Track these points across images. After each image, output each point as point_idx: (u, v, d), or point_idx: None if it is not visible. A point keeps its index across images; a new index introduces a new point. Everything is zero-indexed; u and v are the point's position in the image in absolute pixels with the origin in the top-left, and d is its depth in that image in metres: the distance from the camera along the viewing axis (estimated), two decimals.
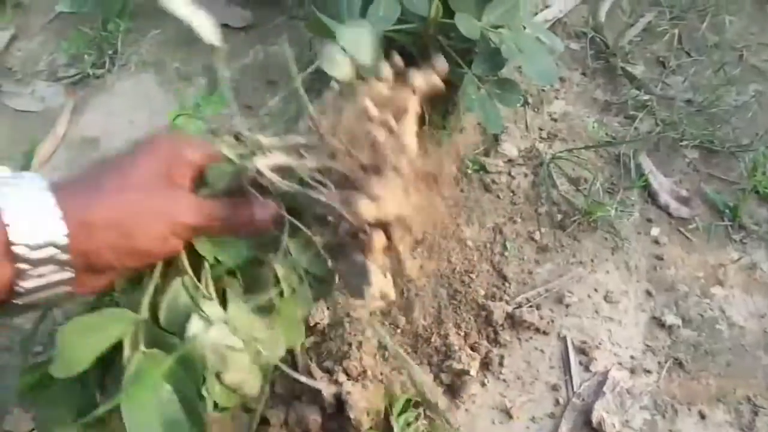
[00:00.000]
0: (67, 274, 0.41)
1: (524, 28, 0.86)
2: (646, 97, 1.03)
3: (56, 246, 0.39)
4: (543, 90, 1.05)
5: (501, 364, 0.77)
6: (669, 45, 1.12)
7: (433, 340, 0.78)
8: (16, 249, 0.38)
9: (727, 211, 0.91)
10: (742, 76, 1.08)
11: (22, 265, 0.39)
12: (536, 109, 1.03)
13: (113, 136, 1.05)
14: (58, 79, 1.14)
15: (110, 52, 1.16)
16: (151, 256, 0.45)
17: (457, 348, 0.76)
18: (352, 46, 0.61)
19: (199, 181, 0.49)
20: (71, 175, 0.44)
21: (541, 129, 1.01)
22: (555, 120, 1.02)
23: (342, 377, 0.71)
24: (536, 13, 1.14)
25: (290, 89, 0.99)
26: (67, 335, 0.43)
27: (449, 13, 0.83)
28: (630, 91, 1.05)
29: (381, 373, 0.74)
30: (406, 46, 0.94)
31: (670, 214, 0.91)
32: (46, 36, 1.21)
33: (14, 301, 0.41)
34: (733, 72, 1.07)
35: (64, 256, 0.40)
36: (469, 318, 0.80)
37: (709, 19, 1.15)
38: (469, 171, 0.94)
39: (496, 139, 0.97)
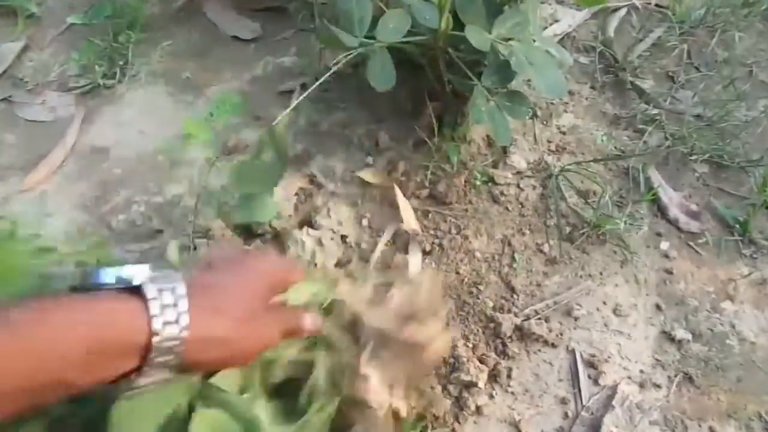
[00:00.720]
0: (168, 374, 0.44)
1: (534, 41, 0.87)
2: (655, 112, 1.03)
3: (173, 352, 0.42)
4: (552, 103, 1.05)
5: (509, 377, 0.77)
6: (678, 60, 1.12)
7: None
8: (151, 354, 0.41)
9: (737, 225, 0.90)
10: (752, 91, 1.08)
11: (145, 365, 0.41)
12: (545, 122, 1.03)
13: (123, 146, 1.06)
14: (69, 90, 1.15)
15: (121, 63, 1.17)
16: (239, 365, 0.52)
17: (465, 360, 0.75)
18: None
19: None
20: (199, 280, 0.47)
21: (549, 141, 1.00)
22: (564, 133, 1.02)
23: None
24: (546, 27, 1.15)
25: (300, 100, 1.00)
26: (123, 412, 0.44)
27: (459, 25, 0.83)
28: (639, 105, 1.05)
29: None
30: (415, 58, 0.94)
31: (679, 228, 0.90)
32: (57, 47, 1.23)
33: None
34: (743, 87, 1.07)
35: (176, 361, 0.43)
36: (478, 330, 0.80)
37: (718, 35, 1.15)
38: (478, 183, 0.93)
39: (504, 151, 0.97)
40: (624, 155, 0.98)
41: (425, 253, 0.86)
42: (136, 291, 0.42)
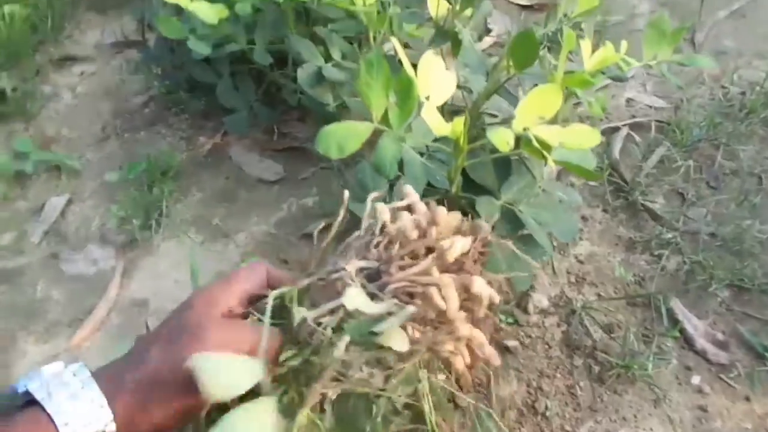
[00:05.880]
0: None
1: (542, 190, 0.91)
2: (670, 235, 1.05)
3: None
4: None
5: None
6: (686, 176, 1.15)
7: None
8: None
9: (767, 354, 0.90)
10: (763, 203, 1.09)
11: None
12: (562, 252, 1.06)
13: (161, 296, 1.11)
14: (109, 242, 1.22)
15: (156, 214, 1.24)
16: None
17: None
18: None
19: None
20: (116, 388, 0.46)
21: (569, 273, 1.03)
22: (582, 262, 1.04)
23: None
24: None
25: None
26: None
27: (471, 182, 0.88)
28: (654, 228, 1.07)
29: None
30: None
31: (708, 360, 0.90)
32: (97, 200, 1.31)
33: None
34: (755, 200, 1.09)
35: None
36: None
37: (722, 147, 1.19)
38: (503, 325, 0.96)
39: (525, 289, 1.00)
40: (645, 291, 0.99)
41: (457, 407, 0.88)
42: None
